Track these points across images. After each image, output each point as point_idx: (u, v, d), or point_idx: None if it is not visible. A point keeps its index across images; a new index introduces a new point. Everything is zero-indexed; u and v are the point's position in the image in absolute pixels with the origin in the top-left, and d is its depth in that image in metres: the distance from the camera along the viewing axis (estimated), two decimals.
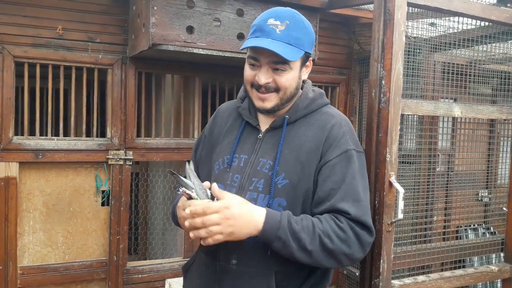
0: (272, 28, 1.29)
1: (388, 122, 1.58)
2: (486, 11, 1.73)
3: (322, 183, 1.32)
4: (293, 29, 1.30)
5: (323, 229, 1.25)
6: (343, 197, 1.29)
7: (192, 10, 2.23)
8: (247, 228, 1.23)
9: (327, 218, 1.28)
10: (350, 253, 1.27)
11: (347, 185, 1.30)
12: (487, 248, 2.13)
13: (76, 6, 2.39)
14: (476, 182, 2.66)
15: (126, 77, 2.53)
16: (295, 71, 1.35)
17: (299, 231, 1.23)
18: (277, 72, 1.32)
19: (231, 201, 1.22)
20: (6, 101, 2.28)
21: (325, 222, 1.26)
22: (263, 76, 1.32)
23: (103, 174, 2.55)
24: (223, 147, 1.46)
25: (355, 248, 1.28)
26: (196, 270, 1.47)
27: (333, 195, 1.29)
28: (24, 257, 2.42)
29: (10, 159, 2.31)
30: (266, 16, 1.32)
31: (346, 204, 1.28)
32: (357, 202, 1.30)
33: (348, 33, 3.09)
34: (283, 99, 1.36)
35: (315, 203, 1.33)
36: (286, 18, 1.31)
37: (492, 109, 1.87)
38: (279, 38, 1.28)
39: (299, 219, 1.27)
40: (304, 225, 1.25)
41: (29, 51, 2.30)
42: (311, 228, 1.24)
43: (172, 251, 3.03)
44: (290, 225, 1.23)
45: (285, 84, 1.33)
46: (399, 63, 1.57)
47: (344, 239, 1.26)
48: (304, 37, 1.33)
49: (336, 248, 1.25)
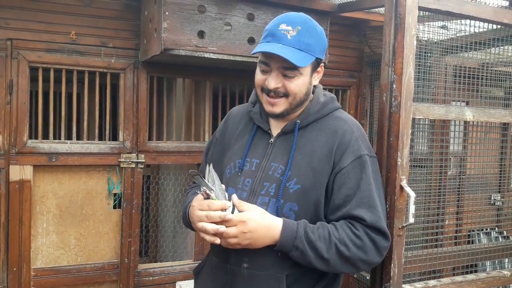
0: (283, 33, 1.30)
1: (399, 126, 1.58)
2: (498, 14, 1.72)
3: (337, 190, 1.33)
4: (304, 35, 1.31)
5: (339, 237, 1.27)
6: (359, 204, 1.30)
7: (203, 15, 2.25)
8: (264, 240, 1.27)
9: (343, 225, 1.30)
10: (367, 259, 1.30)
11: (362, 191, 1.31)
12: (499, 253, 2.11)
13: (89, 12, 2.43)
14: (488, 186, 2.63)
15: (138, 81, 2.56)
16: (305, 76, 1.35)
17: (316, 240, 1.26)
18: (287, 77, 1.33)
19: (249, 215, 1.26)
20: (21, 105, 2.32)
21: (341, 230, 1.28)
22: (273, 81, 1.33)
23: (115, 177, 2.58)
24: (234, 151, 1.47)
25: (372, 253, 1.30)
26: (207, 273, 1.48)
27: (348, 202, 1.31)
28: (37, 259, 2.46)
29: (25, 162, 2.35)
30: (278, 21, 1.33)
31: (361, 211, 1.30)
32: (372, 208, 1.31)
33: (358, 36, 3.08)
34: (292, 104, 1.37)
35: (331, 210, 1.34)
36: (298, 23, 1.32)
37: (505, 113, 1.85)
38: (290, 43, 1.29)
39: (316, 228, 1.29)
40: (320, 234, 1.27)
41: (43, 56, 2.34)
42: (327, 237, 1.27)
43: (182, 254, 3.04)
44: (307, 234, 1.26)
45: (294, 89, 1.34)
46: (410, 67, 1.57)
47: (360, 246, 1.28)
48: (315, 43, 1.33)
49: (353, 255, 1.27)
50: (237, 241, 1.25)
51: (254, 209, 1.28)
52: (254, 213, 1.27)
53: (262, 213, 1.28)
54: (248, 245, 1.27)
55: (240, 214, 1.26)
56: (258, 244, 1.27)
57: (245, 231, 1.24)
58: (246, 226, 1.24)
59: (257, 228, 1.25)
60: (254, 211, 1.28)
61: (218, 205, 1.25)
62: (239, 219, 1.25)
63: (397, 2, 1.54)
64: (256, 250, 1.32)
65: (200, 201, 1.30)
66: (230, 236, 1.25)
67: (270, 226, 1.27)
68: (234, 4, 2.31)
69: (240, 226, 1.24)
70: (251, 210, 1.27)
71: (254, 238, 1.26)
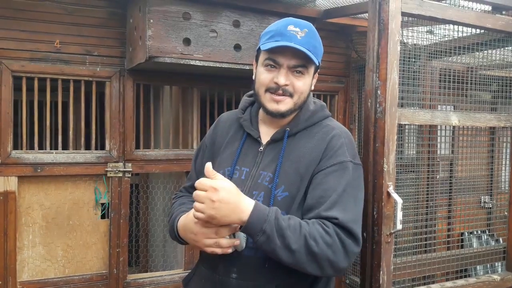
0: (293, 34, 1.31)
1: (384, 132, 1.57)
2: (481, 19, 1.73)
3: (312, 190, 1.30)
4: (312, 37, 1.33)
5: (310, 231, 1.21)
6: (331, 206, 1.26)
7: (189, 22, 2.23)
8: (230, 217, 1.20)
9: (314, 222, 1.24)
10: (335, 260, 1.22)
11: (338, 195, 1.27)
12: (490, 257, 2.10)
13: (73, 20, 2.40)
14: (477, 189, 2.64)
15: (124, 89, 2.53)
16: (309, 78, 1.37)
17: (285, 228, 1.19)
18: (296, 75, 1.34)
19: (222, 185, 1.19)
20: (4, 115, 2.29)
21: (312, 225, 1.23)
22: (283, 77, 1.33)
23: (102, 187, 2.55)
24: (223, 158, 1.46)
25: (340, 256, 1.22)
26: (196, 283, 1.46)
27: (321, 203, 1.27)
28: (23, 271, 2.41)
29: (9, 173, 2.31)
30: (284, 23, 1.34)
31: (334, 211, 1.25)
32: (345, 210, 1.26)
33: (345, 42, 3.09)
34: (296, 104, 1.37)
35: (304, 210, 1.30)
36: (305, 26, 1.34)
37: (490, 117, 1.85)
38: (301, 43, 1.30)
39: (287, 217, 1.23)
40: (291, 224, 1.21)
41: (26, 65, 2.31)
42: (298, 228, 1.21)
43: (172, 263, 3.01)
44: (277, 221, 1.20)
45: (301, 88, 1.35)
46: (395, 73, 1.57)
47: (329, 243, 1.21)
48: (319, 47, 1.37)
49: (321, 252, 1.20)
50: (202, 207, 1.18)
51: (228, 182, 1.22)
52: (229, 185, 1.21)
53: (236, 189, 1.22)
54: (212, 217, 1.19)
55: (215, 180, 1.20)
56: (222, 218, 1.19)
57: (214, 199, 1.17)
58: (216, 194, 1.18)
59: (227, 201, 1.18)
60: (230, 184, 1.22)
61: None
62: (211, 184, 1.18)
63: (380, 8, 1.54)
64: (245, 260, 1.30)
65: None
66: (198, 199, 1.19)
67: (240, 203, 1.20)
68: (220, 11, 2.29)
69: (210, 193, 1.18)
70: (225, 182, 1.21)
71: (220, 209, 1.18)
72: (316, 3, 2.58)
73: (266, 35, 1.36)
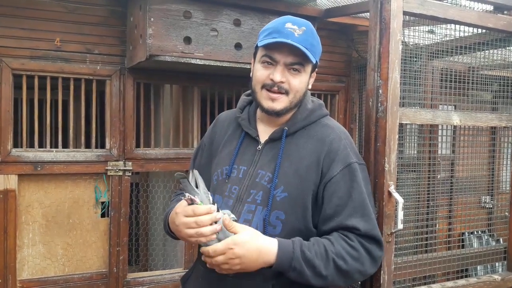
0: (290, 31, 1.30)
1: (386, 132, 1.57)
2: (482, 19, 1.72)
3: (328, 200, 1.31)
4: (309, 35, 1.33)
5: (336, 251, 1.25)
6: (351, 213, 1.29)
7: (189, 20, 2.23)
8: (256, 264, 1.22)
9: (337, 238, 1.28)
10: (364, 270, 1.29)
11: (354, 201, 1.30)
12: (490, 257, 2.10)
13: (73, 18, 2.40)
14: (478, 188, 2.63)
15: (125, 88, 2.53)
16: (306, 76, 1.36)
17: (313, 258, 1.23)
18: (292, 73, 1.33)
19: (236, 240, 1.19)
20: (4, 113, 2.28)
21: (337, 244, 1.26)
22: (279, 74, 1.32)
23: (102, 185, 2.54)
24: (222, 157, 1.45)
25: (368, 264, 1.29)
26: (194, 282, 1.47)
27: (340, 211, 1.29)
28: (23, 270, 2.41)
29: (9, 171, 2.31)
30: (282, 21, 1.34)
31: (354, 220, 1.28)
32: (366, 217, 1.30)
33: (346, 41, 3.08)
34: (292, 103, 1.36)
35: (323, 220, 1.32)
36: (303, 24, 1.33)
37: (491, 117, 1.85)
38: (298, 41, 1.29)
39: (311, 244, 1.26)
40: (317, 251, 1.24)
41: (27, 63, 2.31)
42: (324, 253, 1.24)
43: (172, 262, 3.01)
44: (304, 254, 1.23)
45: (297, 86, 1.34)
46: (396, 72, 1.56)
47: (357, 257, 1.27)
48: (317, 45, 1.36)
49: (351, 268, 1.26)
50: (228, 267, 1.21)
51: (244, 233, 1.22)
52: (242, 237, 1.20)
53: (251, 237, 1.21)
54: (241, 270, 1.22)
55: (226, 241, 1.20)
56: (250, 268, 1.22)
57: (233, 257, 1.19)
58: (233, 252, 1.19)
59: (246, 253, 1.19)
60: (244, 234, 1.21)
61: (204, 210, 1.19)
62: (226, 246, 1.19)
63: (381, 7, 1.54)
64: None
65: (184, 207, 1.23)
66: (220, 263, 1.20)
67: (262, 249, 1.21)
68: (221, 10, 2.29)
69: (228, 253, 1.19)
70: (241, 233, 1.21)
71: (244, 263, 1.20)
72: (317, 2, 2.58)
73: (263, 32, 1.36)
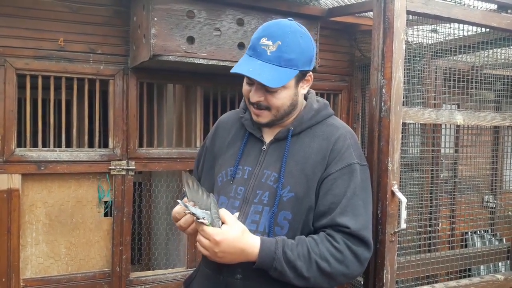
0: (263, 49, 1.29)
1: (389, 131, 1.57)
2: (486, 18, 1.72)
3: (323, 197, 1.31)
4: (285, 50, 1.28)
5: (320, 252, 1.25)
6: (343, 212, 1.28)
7: (192, 20, 2.23)
8: (238, 259, 1.24)
9: (323, 239, 1.27)
10: (349, 273, 1.27)
11: (348, 199, 1.29)
12: (493, 257, 2.10)
13: (77, 18, 2.40)
14: (481, 188, 2.63)
15: (128, 87, 2.53)
16: (289, 89, 1.33)
17: (295, 260, 1.23)
18: (269, 92, 1.32)
19: (222, 238, 1.20)
20: (8, 113, 2.29)
21: (322, 245, 1.26)
22: (255, 95, 1.33)
23: (106, 185, 2.55)
24: (226, 158, 1.45)
25: (353, 267, 1.28)
26: (199, 284, 1.45)
27: (333, 209, 1.29)
28: (27, 269, 2.42)
29: (13, 171, 2.31)
30: (260, 34, 1.32)
31: (345, 218, 1.27)
32: (356, 216, 1.29)
33: (349, 40, 3.08)
34: (277, 116, 1.37)
35: (316, 216, 1.32)
36: (279, 37, 1.29)
37: (495, 116, 1.85)
38: (269, 60, 1.28)
39: (294, 245, 1.25)
40: (299, 252, 1.24)
41: (30, 63, 2.31)
42: (307, 255, 1.24)
43: (175, 261, 3.01)
44: (285, 254, 1.23)
45: (276, 103, 1.34)
46: (400, 72, 1.56)
47: (341, 260, 1.25)
48: (298, 56, 1.30)
49: (334, 270, 1.25)
50: (208, 254, 1.23)
51: (232, 229, 1.22)
52: (229, 235, 1.21)
53: (237, 236, 1.21)
54: (221, 260, 1.24)
55: (216, 233, 1.20)
56: (232, 262, 1.25)
57: (216, 250, 1.21)
58: (217, 246, 1.20)
59: (229, 251, 1.21)
60: (231, 231, 1.21)
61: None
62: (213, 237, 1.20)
63: (385, 6, 1.54)
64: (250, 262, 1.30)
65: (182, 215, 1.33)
66: (202, 246, 1.23)
67: (245, 249, 1.22)
68: (224, 10, 2.29)
69: (212, 244, 1.20)
70: (229, 230, 1.21)
71: (225, 258, 1.22)
72: (319, 1, 2.57)
73: (251, 40, 1.35)
